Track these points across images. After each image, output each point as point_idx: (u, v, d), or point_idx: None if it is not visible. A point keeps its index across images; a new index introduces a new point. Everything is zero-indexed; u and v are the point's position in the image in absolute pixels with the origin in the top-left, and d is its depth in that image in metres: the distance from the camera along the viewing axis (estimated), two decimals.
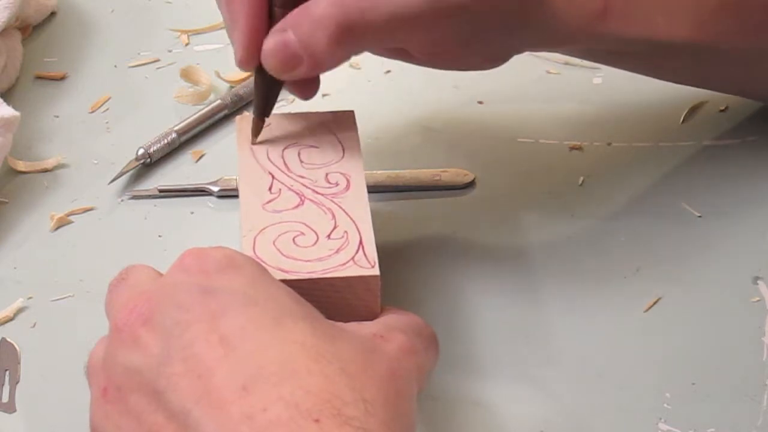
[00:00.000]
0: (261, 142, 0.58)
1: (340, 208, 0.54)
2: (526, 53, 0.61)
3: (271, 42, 0.55)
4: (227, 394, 0.43)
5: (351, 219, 0.53)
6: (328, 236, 0.53)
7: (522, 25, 0.57)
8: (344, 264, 0.51)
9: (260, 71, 0.57)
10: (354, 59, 0.68)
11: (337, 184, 0.55)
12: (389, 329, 0.50)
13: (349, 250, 0.52)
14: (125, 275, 0.51)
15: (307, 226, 0.53)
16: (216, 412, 0.43)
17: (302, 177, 0.56)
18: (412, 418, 0.48)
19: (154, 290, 0.48)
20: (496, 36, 0.57)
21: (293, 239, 0.52)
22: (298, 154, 0.57)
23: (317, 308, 0.48)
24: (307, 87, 0.59)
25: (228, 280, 0.47)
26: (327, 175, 0.56)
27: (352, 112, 0.60)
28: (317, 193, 0.55)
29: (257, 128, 0.58)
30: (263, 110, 0.58)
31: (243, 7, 0.55)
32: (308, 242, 0.52)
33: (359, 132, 0.59)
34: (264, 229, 0.53)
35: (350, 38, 0.54)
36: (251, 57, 0.56)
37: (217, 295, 0.46)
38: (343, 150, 0.57)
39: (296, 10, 0.55)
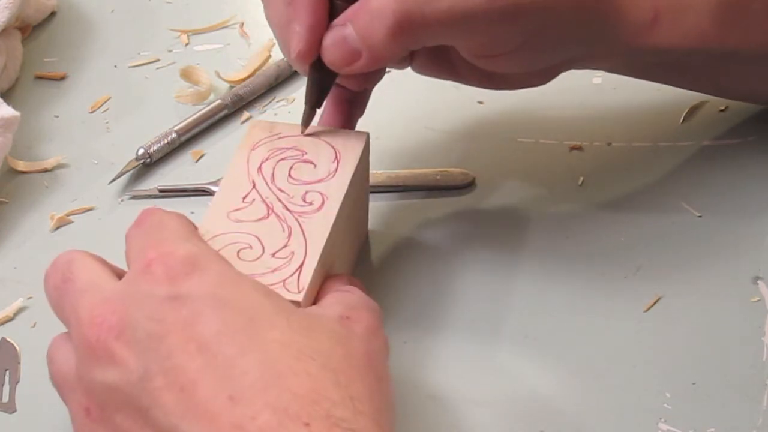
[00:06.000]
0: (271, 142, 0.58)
1: (301, 228, 0.54)
2: None
3: (330, 36, 0.55)
4: (214, 405, 0.43)
5: (305, 241, 0.53)
6: (273, 254, 0.52)
7: (580, 30, 0.57)
8: (273, 285, 0.51)
9: (315, 64, 0.56)
10: None
11: (310, 204, 0.55)
12: (351, 308, 0.50)
13: (285, 272, 0.51)
14: (69, 275, 0.50)
15: (258, 240, 0.53)
16: (204, 425, 0.42)
17: (281, 191, 0.55)
18: (391, 398, 0.48)
19: (120, 300, 0.47)
20: (550, 43, 0.57)
21: (237, 252, 0.52)
22: (291, 167, 0.57)
23: None
24: (370, 78, 0.59)
25: (196, 284, 0.46)
26: (306, 193, 0.55)
27: (367, 133, 0.58)
28: (287, 209, 0.54)
29: (308, 119, 0.58)
30: (317, 102, 0.58)
31: (305, 1, 0.55)
32: (251, 257, 0.52)
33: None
34: (217, 236, 0.53)
35: (408, 31, 0.53)
36: (312, 50, 0.55)
37: (187, 302, 0.45)
38: (336, 171, 0.56)
39: (356, 4, 0.54)
